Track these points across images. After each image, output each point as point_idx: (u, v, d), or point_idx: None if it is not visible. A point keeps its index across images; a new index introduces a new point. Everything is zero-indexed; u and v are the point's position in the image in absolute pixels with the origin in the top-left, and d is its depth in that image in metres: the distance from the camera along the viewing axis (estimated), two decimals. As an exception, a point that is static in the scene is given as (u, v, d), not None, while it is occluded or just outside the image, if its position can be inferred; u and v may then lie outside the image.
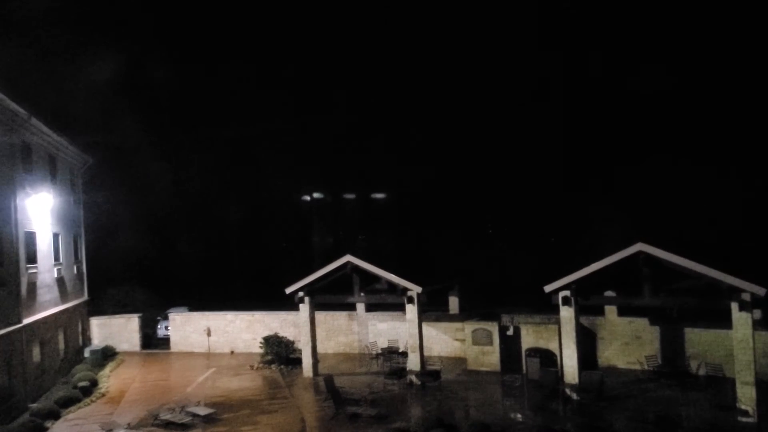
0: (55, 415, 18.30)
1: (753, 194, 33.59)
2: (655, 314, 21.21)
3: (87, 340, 27.74)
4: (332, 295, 22.75)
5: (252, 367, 24.08)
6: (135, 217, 40.74)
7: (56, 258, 24.22)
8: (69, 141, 25.47)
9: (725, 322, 16.68)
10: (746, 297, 15.73)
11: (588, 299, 18.87)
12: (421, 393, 19.70)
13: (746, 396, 15.79)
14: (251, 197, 48.03)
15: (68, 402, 19.55)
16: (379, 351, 24.30)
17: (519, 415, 16.62)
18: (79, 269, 27.65)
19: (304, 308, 22.63)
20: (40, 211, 22.36)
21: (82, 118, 34.77)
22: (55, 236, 24.19)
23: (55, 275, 23.92)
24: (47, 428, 17.35)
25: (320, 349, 24.09)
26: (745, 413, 15.61)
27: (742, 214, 33.24)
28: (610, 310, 22.05)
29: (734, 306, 15.94)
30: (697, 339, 20.32)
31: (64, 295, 24.76)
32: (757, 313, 18.51)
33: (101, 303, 30.85)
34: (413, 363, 20.85)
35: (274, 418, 17.61)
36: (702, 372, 19.26)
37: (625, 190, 38.87)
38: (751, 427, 15.14)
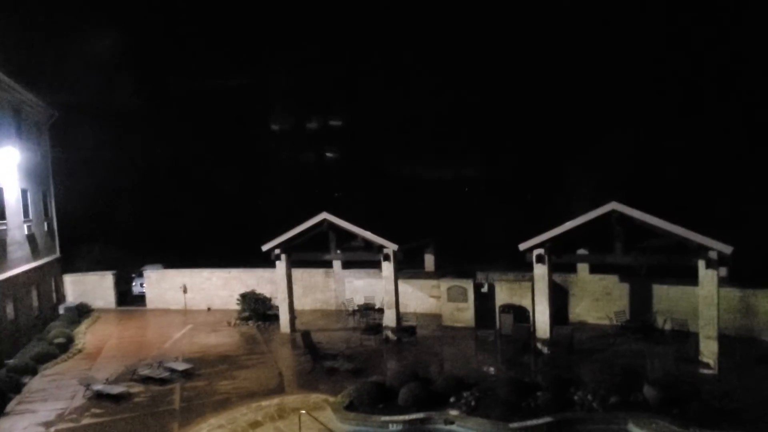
0: (33, 371, 18.30)
1: (725, 156, 34.16)
2: (625, 271, 21.72)
3: (61, 298, 27.50)
4: (309, 253, 22.80)
5: (229, 323, 24.21)
6: (109, 173, 39.89)
7: (26, 214, 23.70)
8: (34, 94, 24.58)
9: (692, 278, 17.18)
10: (713, 255, 16.19)
11: (561, 257, 19.24)
12: (396, 348, 20.09)
13: (709, 349, 16.45)
14: (228, 154, 47.21)
15: (45, 358, 19.53)
16: (356, 307, 24.59)
17: (492, 369, 17.06)
18: (49, 226, 27.15)
19: (281, 265, 22.67)
20: (7, 165, 21.72)
21: (54, 71, 33.52)
22: (24, 192, 23.61)
23: (26, 232, 23.46)
24: (25, 383, 17.34)
25: (297, 305, 24.28)
26: (707, 365, 16.29)
27: (713, 174, 33.87)
28: (582, 268, 22.55)
29: (701, 263, 16.40)
30: (664, 295, 20.96)
31: (35, 252, 24.36)
32: (723, 271, 19.17)
33: (75, 260, 30.42)
34: (389, 319, 21.17)
35: (252, 373, 17.84)
36: (668, 327, 19.97)
37: (600, 150, 39.15)
38: (711, 378, 15.81)
